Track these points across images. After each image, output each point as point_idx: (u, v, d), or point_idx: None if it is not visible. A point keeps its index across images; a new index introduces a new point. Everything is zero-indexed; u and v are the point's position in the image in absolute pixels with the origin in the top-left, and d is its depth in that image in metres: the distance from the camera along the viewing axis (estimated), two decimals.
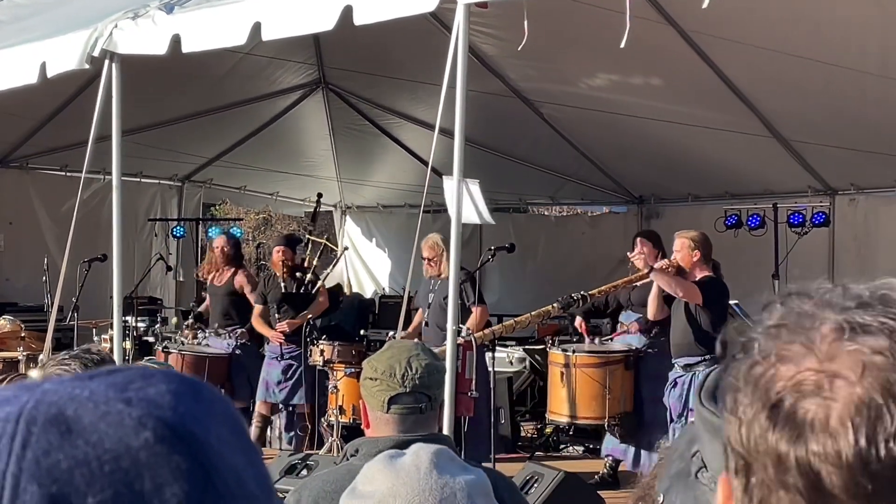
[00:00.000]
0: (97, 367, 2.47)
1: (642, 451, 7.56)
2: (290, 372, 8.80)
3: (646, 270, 7.43)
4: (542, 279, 12.78)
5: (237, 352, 9.19)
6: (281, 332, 8.78)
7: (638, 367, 7.83)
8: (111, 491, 0.61)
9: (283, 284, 8.94)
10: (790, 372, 0.81)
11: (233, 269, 9.47)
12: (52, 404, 0.64)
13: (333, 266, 10.54)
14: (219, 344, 9.29)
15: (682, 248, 7.43)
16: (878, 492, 0.77)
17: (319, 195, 13.11)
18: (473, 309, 7.95)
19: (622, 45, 5.75)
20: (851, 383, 0.79)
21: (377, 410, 2.79)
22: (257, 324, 9.06)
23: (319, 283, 9.15)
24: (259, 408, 8.89)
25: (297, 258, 9.30)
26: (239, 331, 9.19)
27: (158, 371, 0.69)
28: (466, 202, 5.90)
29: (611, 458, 7.82)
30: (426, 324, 8.24)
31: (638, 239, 8.08)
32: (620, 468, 7.79)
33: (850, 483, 0.77)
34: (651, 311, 7.64)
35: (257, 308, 9.09)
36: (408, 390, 2.77)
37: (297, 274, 9.11)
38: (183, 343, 9.28)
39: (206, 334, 9.37)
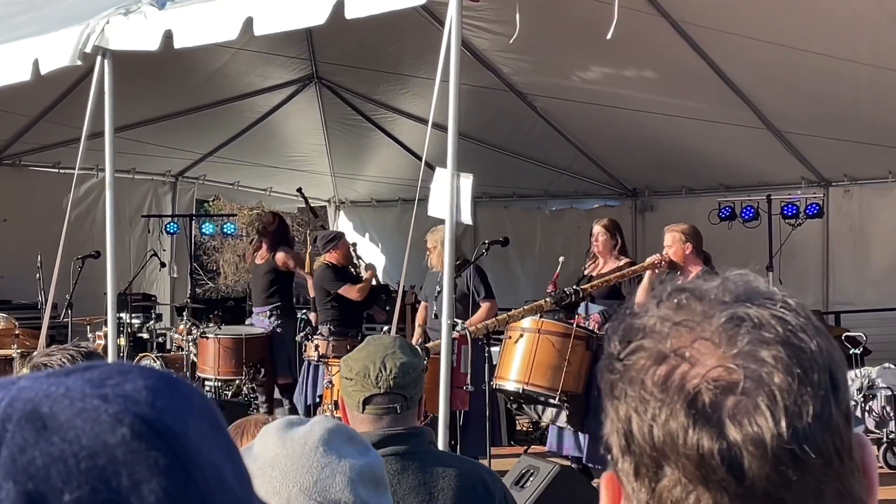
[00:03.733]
0: (85, 359, 2.47)
1: (590, 441, 7.15)
2: None
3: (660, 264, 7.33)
4: (538, 273, 12.76)
5: (277, 329, 9.28)
6: None
7: (597, 355, 7.59)
8: (88, 488, 0.61)
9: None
10: (702, 369, 0.80)
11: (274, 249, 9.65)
12: (28, 401, 0.64)
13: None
14: (260, 322, 9.45)
15: (673, 242, 7.38)
16: (800, 479, 0.78)
17: (299, 189, 12.56)
18: (482, 303, 7.91)
19: (608, 37, 5.75)
20: (766, 374, 0.79)
21: (353, 410, 2.77)
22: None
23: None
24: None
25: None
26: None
27: (135, 367, 0.68)
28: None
29: (569, 457, 7.39)
30: (435, 315, 7.93)
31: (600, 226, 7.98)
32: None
33: (773, 473, 0.77)
34: (640, 304, 7.51)
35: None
36: (382, 391, 2.73)
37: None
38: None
39: (202, 328, 9.42)
